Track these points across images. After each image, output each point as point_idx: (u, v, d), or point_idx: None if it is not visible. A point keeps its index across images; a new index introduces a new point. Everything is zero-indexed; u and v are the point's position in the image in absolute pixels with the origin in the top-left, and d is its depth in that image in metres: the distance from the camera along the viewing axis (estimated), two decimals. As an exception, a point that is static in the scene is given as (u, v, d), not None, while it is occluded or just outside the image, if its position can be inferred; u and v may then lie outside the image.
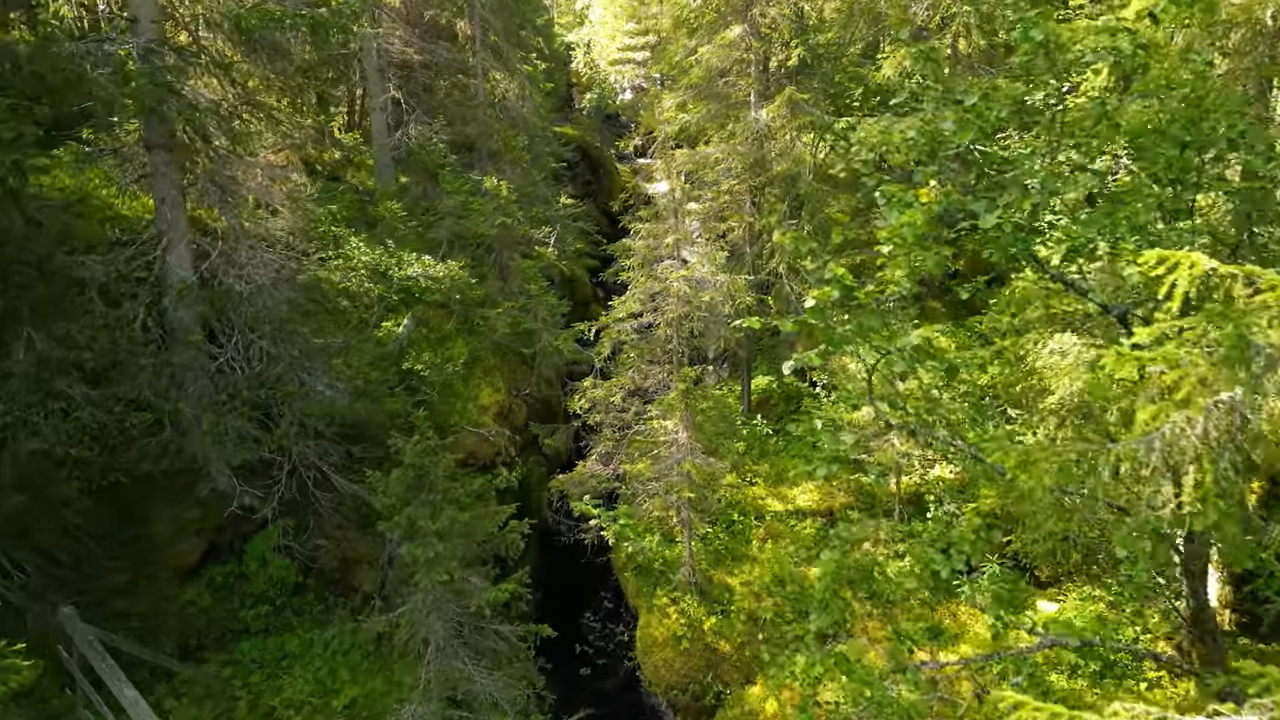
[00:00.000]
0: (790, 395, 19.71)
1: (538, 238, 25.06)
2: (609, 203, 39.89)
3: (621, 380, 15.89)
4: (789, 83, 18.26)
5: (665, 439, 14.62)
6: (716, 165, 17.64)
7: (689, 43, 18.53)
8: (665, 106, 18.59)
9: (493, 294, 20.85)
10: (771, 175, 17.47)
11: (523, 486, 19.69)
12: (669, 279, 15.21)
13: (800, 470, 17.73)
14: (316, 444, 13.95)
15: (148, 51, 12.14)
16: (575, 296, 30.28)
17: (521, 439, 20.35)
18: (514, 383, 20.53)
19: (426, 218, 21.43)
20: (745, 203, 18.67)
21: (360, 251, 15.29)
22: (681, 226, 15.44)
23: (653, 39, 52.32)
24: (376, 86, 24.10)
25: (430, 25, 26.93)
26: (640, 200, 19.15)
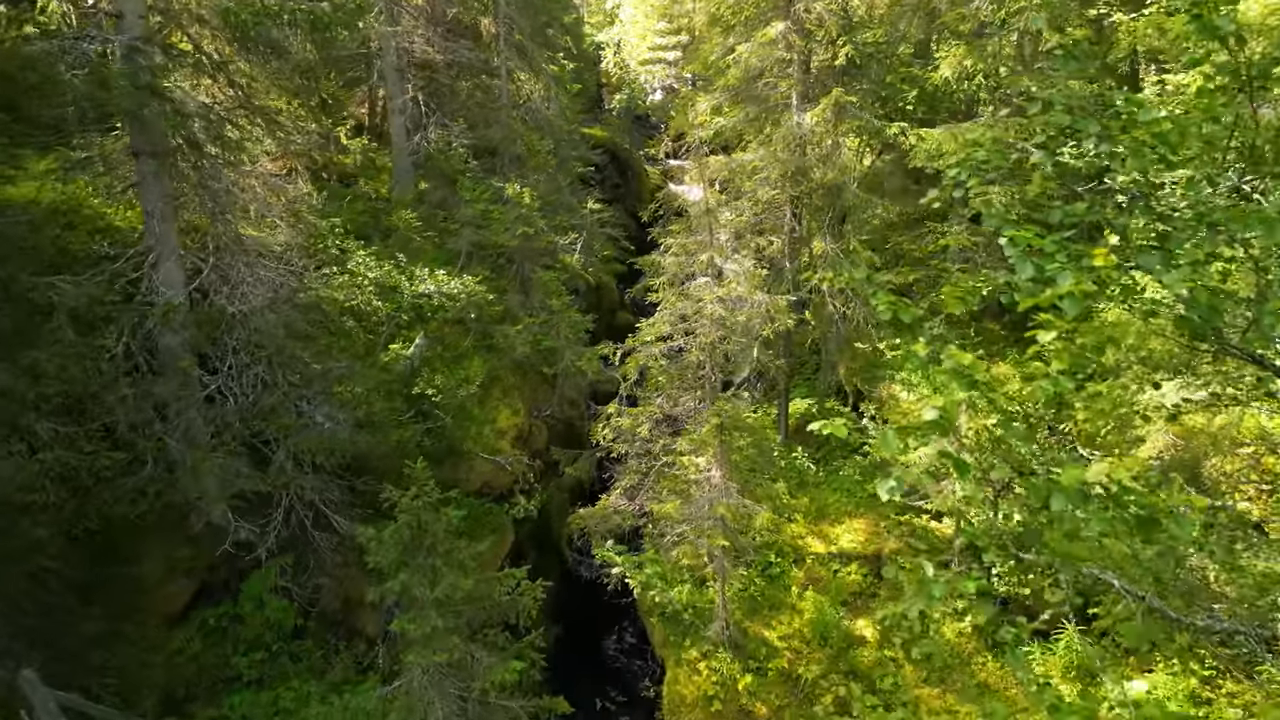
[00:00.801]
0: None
1: (562, 244, 23.83)
2: (638, 206, 38.69)
3: (649, 409, 14.54)
4: (835, 84, 16.79)
5: (697, 477, 13.24)
6: (754, 173, 16.23)
7: (725, 41, 17.14)
8: (699, 110, 17.22)
9: (513, 308, 19.61)
10: (814, 184, 16.02)
11: (542, 514, 18.45)
12: (702, 299, 13.83)
13: (844, 505, 16.25)
14: (315, 478, 12.78)
15: (131, 50, 11.02)
16: (601, 305, 29.03)
17: (542, 463, 19.08)
18: (534, 403, 19.28)
19: (447, 225, 20.25)
20: (785, 213, 17.22)
21: (367, 267, 14.13)
22: (716, 241, 14.05)
23: (684, 38, 51.15)
24: (396, 87, 23.00)
25: (453, 23, 25.81)
26: (670, 210, 17.77)
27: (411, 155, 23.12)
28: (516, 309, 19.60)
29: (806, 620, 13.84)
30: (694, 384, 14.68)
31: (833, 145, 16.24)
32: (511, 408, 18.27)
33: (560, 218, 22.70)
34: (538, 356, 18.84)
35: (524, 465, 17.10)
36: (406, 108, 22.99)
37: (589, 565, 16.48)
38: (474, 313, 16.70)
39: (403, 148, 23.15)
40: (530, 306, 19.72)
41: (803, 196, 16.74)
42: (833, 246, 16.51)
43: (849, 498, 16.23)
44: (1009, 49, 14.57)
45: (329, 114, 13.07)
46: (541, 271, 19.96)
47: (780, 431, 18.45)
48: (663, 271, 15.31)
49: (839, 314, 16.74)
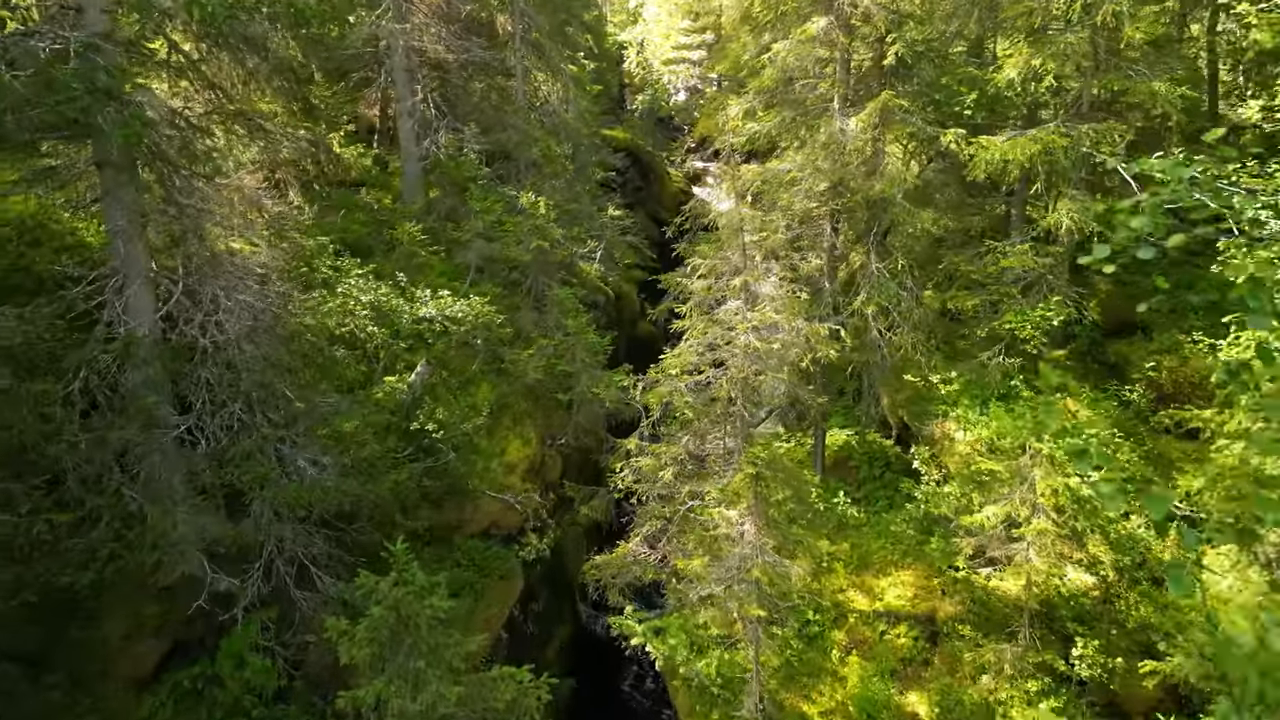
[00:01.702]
0: (875, 455, 16.57)
1: (581, 253, 22.36)
2: (660, 211, 37.17)
3: (672, 449, 13.01)
4: (882, 86, 15.16)
5: (728, 531, 11.67)
6: (791, 184, 14.63)
7: (762, 39, 15.55)
8: (731, 114, 15.65)
9: (525, 328, 18.14)
10: (858, 196, 14.39)
11: (556, 551, 16.97)
12: (734, 328, 12.28)
13: (889, 553, 14.60)
14: (299, 529, 11.37)
15: (87, 47, 9.64)
16: (622, 316, 27.56)
17: (555, 496, 17.60)
18: (548, 431, 17.79)
19: (455, 237, 18.83)
20: (824, 228, 15.61)
21: (360, 289, 12.72)
22: (750, 262, 12.49)
23: (709, 37, 49.86)
24: (405, 89, 21.61)
25: (468, 21, 24.41)
26: (698, 224, 16.22)
27: (421, 161, 21.73)
28: (529, 328, 18.13)
29: (851, 692, 12.24)
30: (722, 419, 13.14)
31: (879, 153, 14.61)
32: (523, 437, 16.80)
33: (578, 229, 21.21)
34: (552, 381, 17.37)
35: (535, 503, 15.63)
36: (416, 110, 21.61)
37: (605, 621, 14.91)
38: (482, 336, 15.24)
39: (412, 153, 21.76)
40: (544, 326, 18.25)
41: (844, 210, 15.12)
42: (878, 265, 14.88)
43: (895, 545, 14.59)
44: (1084, 46, 12.87)
45: (321, 118, 11.69)
46: (557, 288, 18.48)
47: (815, 466, 16.83)
48: (689, 295, 13.78)
49: (884, 339, 15.09)
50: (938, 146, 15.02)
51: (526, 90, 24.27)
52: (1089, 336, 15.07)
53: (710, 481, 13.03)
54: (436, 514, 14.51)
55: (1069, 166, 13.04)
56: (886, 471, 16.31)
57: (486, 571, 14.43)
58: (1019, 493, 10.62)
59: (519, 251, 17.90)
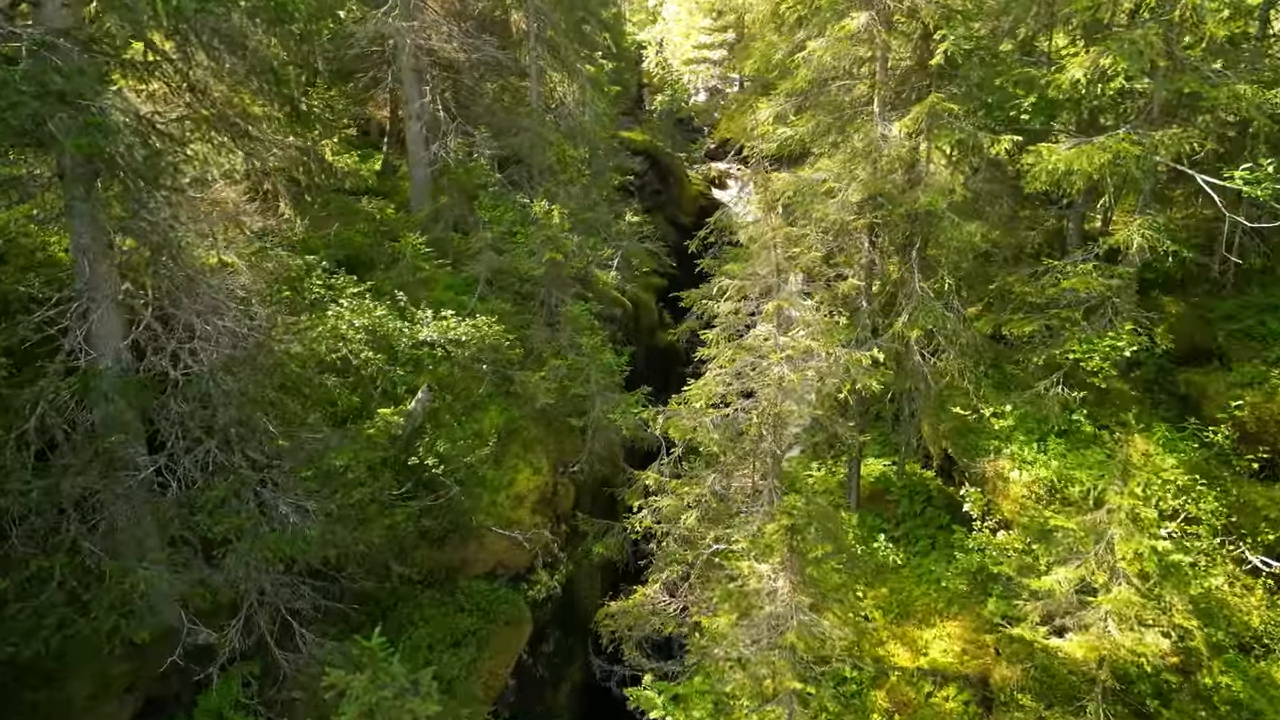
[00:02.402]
0: (915, 489, 15.22)
1: (599, 260, 21.17)
2: (679, 214, 35.95)
3: (695, 489, 11.76)
4: (926, 87, 13.86)
5: (758, 586, 10.41)
6: (828, 195, 13.33)
7: (794, 37, 14.26)
8: (760, 118, 14.37)
9: (537, 346, 16.95)
10: (900, 208, 13.07)
11: (569, 587, 15.78)
12: (765, 356, 11.01)
13: (933, 600, 13.28)
14: (281, 579, 10.24)
15: (41, 45, 8.54)
16: (640, 325, 26.40)
17: (568, 527, 16.41)
18: (561, 457, 16.58)
19: (463, 249, 17.69)
20: (862, 242, 14.30)
21: (354, 312, 11.55)
22: (783, 284, 11.22)
23: (731, 36, 48.66)
24: (413, 90, 20.51)
25: (481, 19, 23.27)
26: (724, 238, 14.96)
27: (430, 166, 20.62)
28: (541, 346, 16.94)
29: (894, 767, 10.95)
30: (751, 454, 11.87)
31: (925, 161, 13.29)
32: (533, 465, 15.59)
33: (594, 239, 19.99)
34: (565, 405, 16.18)
35: (546, 539, 14.43)
36: (424, 112, 20.49)
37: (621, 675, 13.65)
38: (489, 358, 14.08)
39: (419, 157, 20.65)
40: (557, 344, 17.04)
41: (884, 223, 13.81)
42: (921, 284, 13.55)
43: (940, 591, 13.27)
44: (1158, 43, 11.50)
45: (316, 122, 10.56)
46: (571, 303, 17.28)
47: (849, 499, 15.53)
48: (715, 319, 12.54)
49: (927, 365, 13.76)
50: (989, 155, 13.69)
51: (541, 91, 23.11)
52: (1156, 364, 13.67)
53: (737, 525, 11.77)
54: (437, 553, 13.36)
55: (1141, 178, 11.67)
56: (928, 507, 14.97)
57: (491, 617, 13.24)
58: (1094, 552, 9.30)
59: (531, 264, 16.72)
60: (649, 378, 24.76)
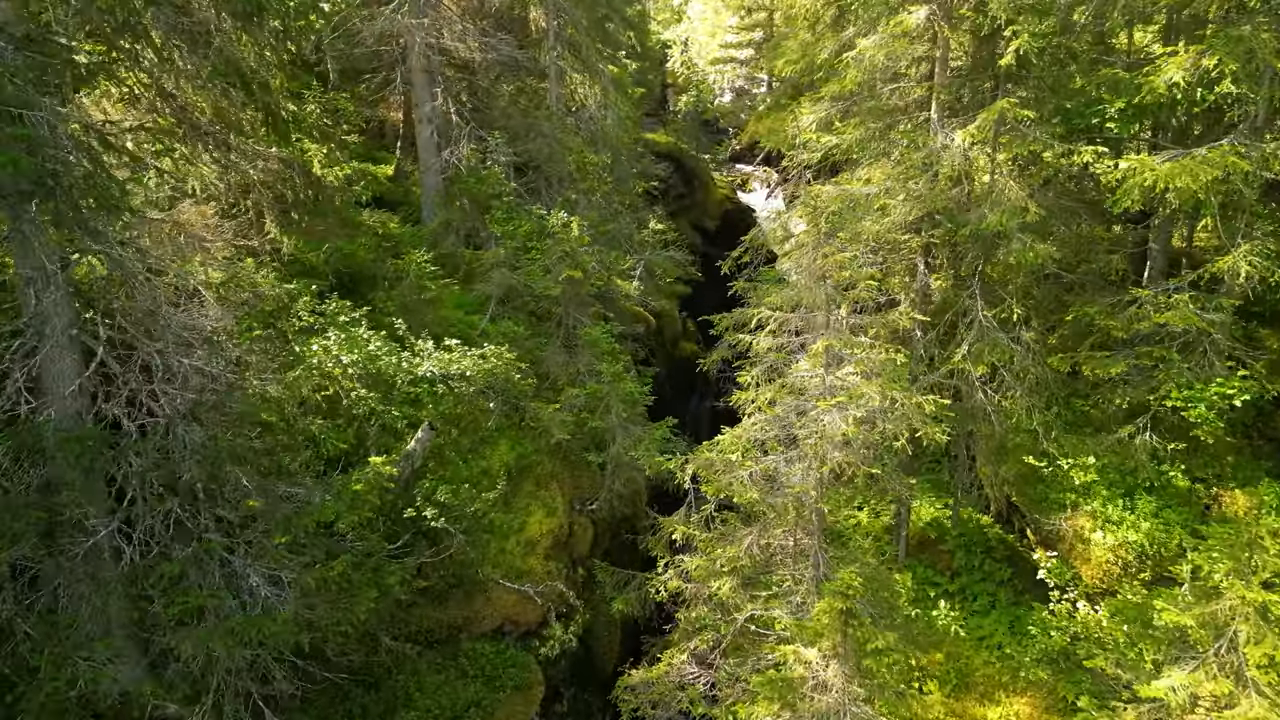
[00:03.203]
0: (972, 540, 13.61)
1: (620, 270, 19.74)
2: (704, 219, 34.54)
3: (730, 552, 10.27)
4: (993, 91, 12.28)
5: (803, 674, 8.92)
6: (881, 213, 11.78)
7: (843, 33, 12.73)
8: (803, 124, 12.85)
9: (553, 371, 15.54)
10: (964, 230, 11.49)
11: (585, 639, 14.35)
12: (812, 400, 9.51)
13: (996, 670, 11.71)
14: (252, 655, 8.88)
15: (-33, 45, 7.24)
16: (663, 335, 25.01)
17: (585, 570, 14.98)
18: (578, 493, 15.15)
19: (473, 266, 16.33)
20: (916, 264, 12.75)
21: (341, 346, 10.18)
22: (834, 319, 9.73)
23: (759, 35, 47.24)
24: (424, 92, 19.20)
25: (499, 17, 21.93)
26: (759, 256, 13.47)
27: (442, 173, 19.31)
28: (557, 372, 15.52)
29: None
30: (794, 512, 10.37)
31: (992, 175, 11.71)
32: (547, 505, 14.17)
33: (615, 253, 18.55)
34: (583, 437, 14.76)
35: (559, 591, 13.01)
36: (436, 116, 19.17)
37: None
38: (499, 389, 12.70)
39: (430, 164, 19.34)
40: (575, 370, 15.61)
41: (943, 243, 12.26)
42: (985, 313, 11.98)
43: (1005, 661, 11.71)
44: (1271, 42, 9.86)
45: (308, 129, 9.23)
46: (590, 325, 15.84)
47: (898, 547, 13.97)
48: (750, 351, 11.07)
49: (991, 404, 12.18)
50: (1061, 167, 12.09)
51: (561, 94, 21.72)
52: (1255, 405, 12.00)
53: (778, 593, 10.28)
54: (438, 611, 11.97)
55: (1251, 197, 10.04)
56: (987, 559, 13.38)
57: (498, 683, 11.84)
58: (1213, 652, 7.73)
59: (546, 283, 15.32)
60: (672, 391, 23.42)
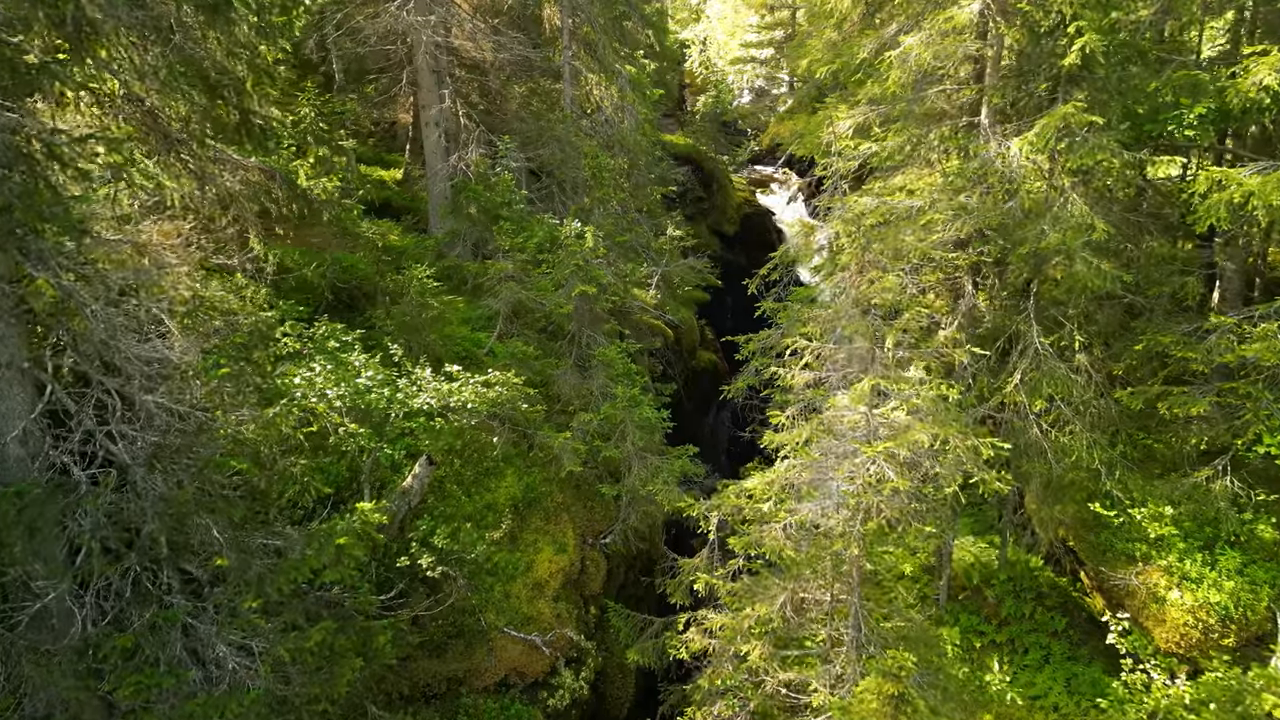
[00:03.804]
0: (1022, 585, 12.39)
1: (637, 280, 18.69)
2: (723, 223, 33.54)
3: (760, 610, 9.15)
4: (1051, 94, 11.09)
5: (846, 760, 7.79)
6: (926, 228, 10.61)
7: (885, 30, 11.57)
8: (840, 129, 11.71)
9: (565, 394, 14.48)
10: (1023, 248, 10.31)
11: (597, 686, 13.27)
12: (855, 450, 8.37)
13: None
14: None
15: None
16: (681, 345, 23.95)
17: (597, 609, 13.91)
18: (590, 526, 14.07)
19: (480, 280, 15.30)
20: (964, 284, 11.58)
21: (328, 378, 9.14)
22: (878, 354, 8.60)
23: (780, 34, 46.19)
24: (430, 93, 18.20)
25: (512, 15, 20.91)
26: (788, 274, 12.35)
27: (450, 179, 18.29)
28: (569, 395, 14.45)
29: None
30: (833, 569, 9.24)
31: (1052, 188, 10.53)
32: (556, 541, 13.11)
33: (632, 264, 17.48)
34: (596, 466, 13.67)
35: (569, 639, 11.95)
36: (443, 119, 18.16)
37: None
38: (504, 416, 11.65)
39: (437, 170, 18.33)
40: (588, 392, 14.53)
41: (995, 262, 11.09)
42: (1042, 340, 10.79)
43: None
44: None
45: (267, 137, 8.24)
46: (605, 344, 14.76)
47: (939, 590, 12.79)
48: (780, 380, 9.95)
49: (1047, 440, 10.98)
50: (1126, 178, 10.89)
51: (576, 95, 20.68)
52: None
53: (813, 658, 9.16)
54: (436, 664, 10.93)
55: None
56: (1038, 608, 12.18)
57: (499, 744, 10.80)
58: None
59: (558, 299, 14.26)
60: (690, 402, 22.33)
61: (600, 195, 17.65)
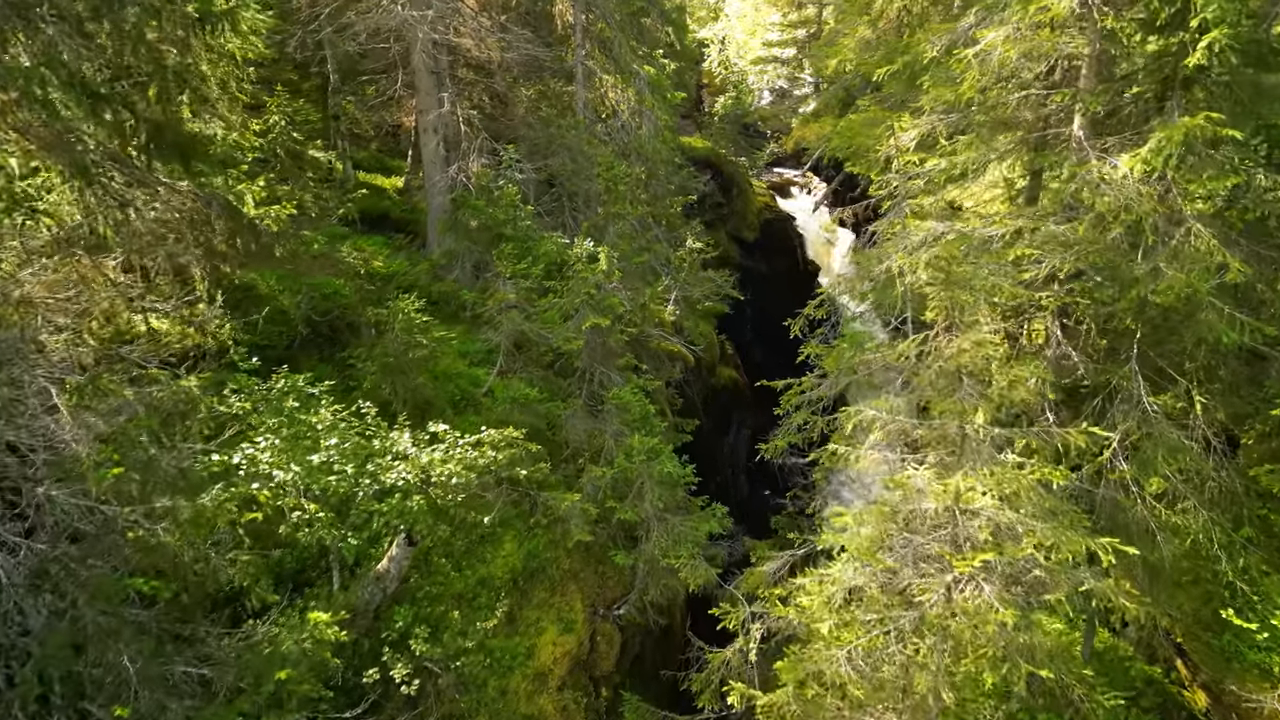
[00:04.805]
0: (1113, 677, 10.45)
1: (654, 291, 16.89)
2: (743, 229, 31.92)
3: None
4: (1161, 101, 9.18)
5: None
6: (1021, 264, 8.70)
7: (961, 23, 9.65)
8: (903, 141, 9.81)
9: (574, 440, 12.66)
10: (1133, 291, 8.40)
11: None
12: (937, 562, 6.51)
13: None
14: None
15: None
16: (700, 364, 22.21)
17: (609, 692, 12.08)
18: (602, 595, 12.26)
19: (478, 310, 13.50)
20: (1051, 330, 9.66)
21: (275, 459, 7.34)
22: (969, 443, 6.72)
23: (802, 34, 44.49)
24: (429, 96, 16.43)
25: (521, 11, 19.14)
26: (837, 311, 10.47)
27: (451, 192, 16.52)
28: (579, 442, 12.62)
29: None
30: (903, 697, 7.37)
31: (1170, 218, 8.61)
32: (562, 617, 11.29)
33: (651, 289, 15.65)
34: (609, 528, 11.86)
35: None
36: (442, 125, 16.40)
37: None
38: (498, 485, 9.85)
39: (436, 181, 16.56)
40: (600, 439, 12.69)
41: (1094, 305, 9.17)
42: (1151, 401, 8.87)
43: None
44: None
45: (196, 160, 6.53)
46: (620, 386, 12.92)
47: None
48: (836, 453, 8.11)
49: (1157, 520, 9.06)
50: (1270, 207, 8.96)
51: (590, 99, 18.88)
52: None
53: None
54: (415, 787, 9.16)
55: None
56: (1133, 709, 10.25)
57: None
58: None
59: (566, 333, 12.44)
60: (710, 421, 20.60)
61: (615, 210, 15.81)
